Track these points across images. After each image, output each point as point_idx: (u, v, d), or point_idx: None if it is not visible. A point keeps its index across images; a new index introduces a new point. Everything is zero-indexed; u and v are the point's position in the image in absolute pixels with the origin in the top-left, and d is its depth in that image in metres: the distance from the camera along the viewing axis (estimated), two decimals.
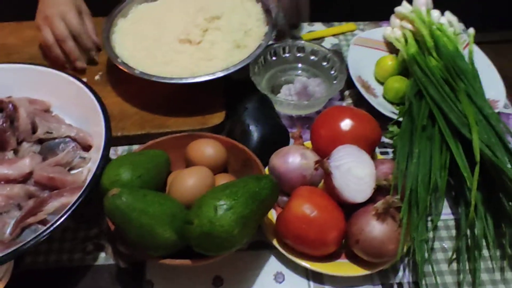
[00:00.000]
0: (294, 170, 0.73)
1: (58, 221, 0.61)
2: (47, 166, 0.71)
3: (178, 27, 0.89)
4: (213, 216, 0.59)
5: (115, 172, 0.66)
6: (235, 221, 0.60)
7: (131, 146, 0.85)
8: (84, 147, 0.76)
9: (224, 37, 0.87)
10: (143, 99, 0.87)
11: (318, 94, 0.90)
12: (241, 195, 0.62)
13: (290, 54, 0.94)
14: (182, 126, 0.84)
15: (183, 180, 0.69)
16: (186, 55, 0.85)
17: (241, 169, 0.75)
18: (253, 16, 0.91)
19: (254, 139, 0.79)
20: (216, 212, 0.60)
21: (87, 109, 0.78)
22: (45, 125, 0.76)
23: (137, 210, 0.60)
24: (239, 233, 0.61)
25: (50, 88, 0.81)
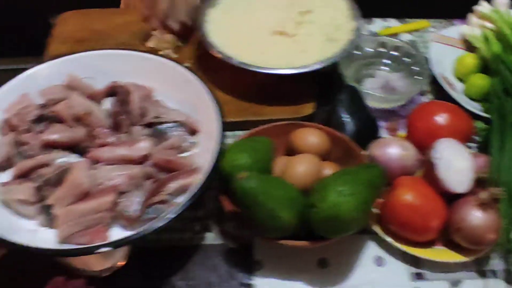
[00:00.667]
0: (395, 161, 0.76)
1: (188, 203, 0.65)
2: (163, 149, 0.75)
3: (270, 19, 0.93)
4: (337, 201, 0.63)
5: (235, 156, 0.70)
6: (357, 206, 0.64)
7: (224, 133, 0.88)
8: (191, 131, 0.79)
9: (316, 30, 0.91)
10: (236, 88, 0.90)
11: (401, 89, 0.94)
12: (360, 182, 0.66)
13: (373, 49, 0.97)
14: (277, 115, 0.88)
15: (295, 166, 0.73)
16: (281, 47, 0.89)
17: (342, 159, 0.79)
18: (341, 11, 0.94)
19: (349, 130, 0.83)
20: (340, 197, 0.64)
21: (192, 95, 0.81)
22: (154, 109, 0.79)
23: (265, 193, 0.64)
24: (359, 217, 0.65)
25: (153, 74, 0.84)
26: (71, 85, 0.81)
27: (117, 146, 0.73)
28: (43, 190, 0.70)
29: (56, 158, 0.72)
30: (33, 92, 0.80)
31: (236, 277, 0.73)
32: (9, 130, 0.77)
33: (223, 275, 0.73)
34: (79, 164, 0.70)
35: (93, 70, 0.84)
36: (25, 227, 0.70)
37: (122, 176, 0.70)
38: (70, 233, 0.67)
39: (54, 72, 0.83)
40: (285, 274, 0.73)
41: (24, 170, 0.72)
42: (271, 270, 0.73)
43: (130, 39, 1.00)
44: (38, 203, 0.70)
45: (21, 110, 0.77)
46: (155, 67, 0.84)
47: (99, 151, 0.72)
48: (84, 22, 1.03)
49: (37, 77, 0.82)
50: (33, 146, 0.74)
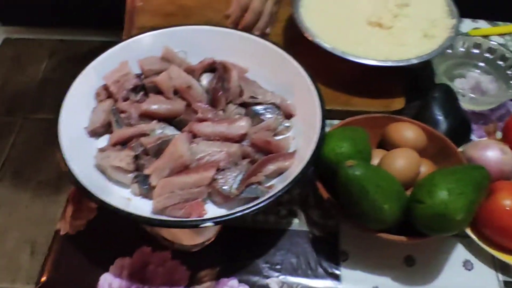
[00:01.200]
0: (493, 164, 0.74)
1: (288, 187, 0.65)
2: (260, 130, 0.74)
3: (367, 9, 0.91)
4: (447, 199, 0.62)
5: (338, 144, 0.69)
6: (466, 206, 0.63)
7: None
8: (286, 115, 0.79)
9: (413, 25, 0.89)
10: (327, 75, 0.89)
11: (492, 92, 0.91)
12: (469, 183, 0.64)
13: (465, 49, 0.95)
14: (366, 107, 0.86)
15: (395, 160, 0.71)
16: (377, 38, 0.87)
17: (437, 156, 0.77)
18: (439, 7, 0.92)
19: (442, 129, 0.81)
20: (450, 195, 0.62)
21: (289, 77, 0.80)
22: (250, 89, 0.79)
23: (372, 183, 0.63)
24: (466, 217, 0.63)
25: (247, 53, 0.83)
26: (167, 57, 0.81)
27: (217, 123, 0.73)
28: (141, 159, 0.70)
29: (156, 128, 0.72)
30: (131, 61, 0.80)
31: (322, 265, 0.72)
32: (107, 97, 0.77)
33: (309, 262, 0.72)
34: (180, 136, 0.70)
35: (187, 45, 0.84)
36: (119, 194, 0.70)
37: (221, 152, 0.70)
38: (166, 205, 0.67)
39: (151, 44, 0.83)
40: (371, 267, 0.72)
41: (123, 137, 0.72)
42: (357, 262, 0.72)
43: (217, 18, 0.99)
44: (135, 172, 0.70)
45: (120, 78, 0.77)
46: (250, 47, 0.83)
47: (199, 125, 0.72)
48: None
49: (135, 47, 0.82)
50: (131, 114, 0.74)
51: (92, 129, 0.74)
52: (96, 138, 0.75)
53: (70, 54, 2.33)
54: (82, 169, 0.69)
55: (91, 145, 0.74)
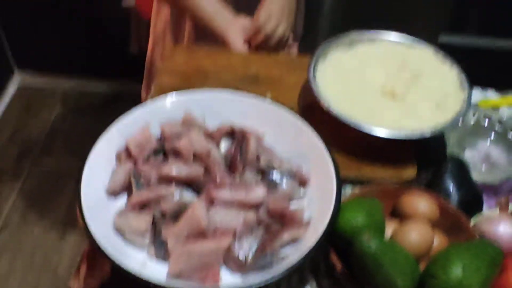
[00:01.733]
0: (506, 239, 0.75)
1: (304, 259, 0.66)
2: (278, 198, 0.75)
3: (380, 80, 0.94)
4: (462, 275, 0.63)
5: (354, 215, 0.70)
6: (481, 282, 0.63)
7: None
8: (300, 182, 0.80)
9: (425, 96, 0.92)
10: (340, 143, 0.91)
11: (502, 163, 0.93)
12: (484, 259, 0.65)
13: (475, 121, 0.98)
14: (378, 175, 0.88)
15: (408, 233, 0.72)
16: (391, 109, 0.90)
17: (449, 230, 0.78)
18: (449, 79, 0.95)
19: (454, 201, 0.82)
20: (464, 271, 0.63)
21: (303, 145, 0.82)
22: (266, 156, 0.81)
23: (388, 257, 0.64)
24: None
25: (264, 119, 0.86)
26: (188, 121, 0.83)
27: (234, 189, 0.74)
28: (159, 223, 0.72)
29: (174, 192, 0.74)
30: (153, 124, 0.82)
31: None
32: (127, 159, 0.79)
33: None
34: (199, 202, 0.72)
35: (206, 108, 0.87)
36: (135, 256, 0.71)
37: (238, 219, 0.71)
38: (182, 270, 0.68)
39: (172, 107, 0.85)
40: None
41: (142, 200, 0.73)
42: None
43: (233, 81, 1.02)
44: (153, 235, 0.71)
45: (141, 141, 0.79)
46: (266, 113, 0.86)
47: (218, 191, 0.73)
48: (191, 58, 1.07)
49: (156, 110, 0.84)
50: (151, 177, 0.76)
51: (112, 190, 0.76)
52: (115, 198, 0.77)
53: (81, 104, 2.38)
54: (100, 229, 0.70)
55: (110, 205, 0.76)
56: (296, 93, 1.01)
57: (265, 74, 1.05)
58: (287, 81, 1.03)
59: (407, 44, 1.02)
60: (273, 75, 1.04)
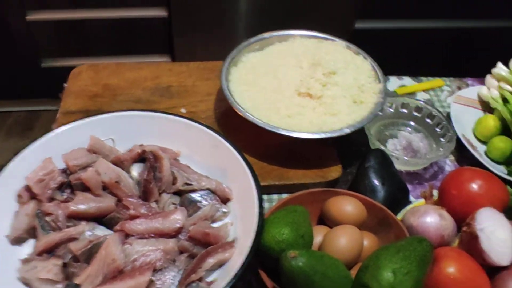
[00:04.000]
0: (433, 231, 0.74)
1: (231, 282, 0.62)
2: (197, 221, 0.71)
3: (295, 80, 0.91)
4: (393, 281, 0.61)
5: (279, 231, 0.67)
6: (414, 285, 0.61)
7: None
8: (222, 200, 0.76)
9: (342, 92, 0.90)
10: (261, 149, 0.88)
11: (423, 150, 0.93)
12: (414, 259, 0.64)
13: (394, 110, 0.97)
14: (302, 179, 0.85)
15: (336, 239, 0.70)
16: (308, 109, 0.87)
17: (377, 227, 0.76)
18: (364, 72, 0.94)
19: (381, 196, 0.81)
20: (396, 277, 0.61)
21: (221, 159, 0.78)
22: (184, 176, 0.76)
23: (319, 272, 0.61)
24: None
25: (178, 136, 0.81)
26: (94, 148, 0.77)
27: (150, 218, 0.69)
28: (71, 267, 0.65)
29: (85, 230, 0.68)
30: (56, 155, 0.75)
31: None
32: (30, 199, 0.72)
33: None
34: (111, 238, 0.66)
35: (114, 132, 0.81)
36: None
37: (157, 251, 0.66)
38: None
39: (75, 134, 0.78)
40: None
41: (50, 245, 0.67)
42: None
43: (144, 95, 0.97)
44: (65, 282, 0.65)
45: (43, 176, 0.72)
46: (180, 129, 0.81)
47: (132, 223, 0.68)
48: (97, 76, 0.99)
49: (58, 140, 0.77)
50: (58, 217, 0.69)
51: (15, 237, 0.69)
52: (20, 245, 0.70)
53: None
54: (3, 283, 0.63)
55: (14, 254, 0.68)
56: (212, 101, 0.97)
57: (178, 84, 0.99)
58: (201, 89, 0.99)
59: (319, 39, 1.00)
60: (186, 85, 0.99)
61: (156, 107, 0.94)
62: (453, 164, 0.95)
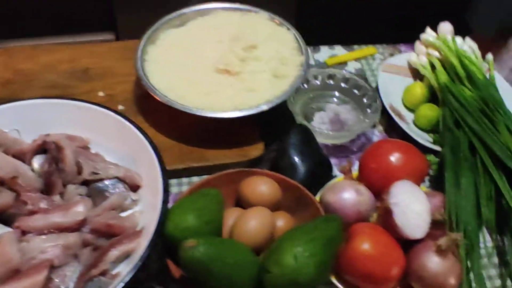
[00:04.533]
0: (350, 207, 0.73)
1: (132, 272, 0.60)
2: (102, 211, 0.68)
3: (214, 56, 0.87)
4: (295, 265, 0.59)
5: (182, 219, 0.64)
6: (317, 267, 0.60)
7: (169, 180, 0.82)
8: (132, 187, 0.73)
9: (262, 66, 0.86)
10: (179, 131, 0.85)
11: (350, 122, 0.91)
12: (319, 241, 0.62)
13: (320, 82, 0.94)
14: (222, 159, 0.83)
15: (246, 222, 0.68)
16: (226, 86, 0.84)
17: (294, 206, 0.75)
18: (287, 44, 0.90)
19: (301, 173, 0.79)
20: (297, 260, 0.59)
21: (131, 146, 0.75)
22: (90, 165, 0.73)
23: (218, 260, 0.59)
24: (320, 278, 0.61)
25: (88, 124, 0.77)
26: None
27: (49, 213, 0.66)
28: None
29: None
30: None
31: None
32: None
33: None
34: (7, 236, 0.63)
35: (20, 122, 0.77)
36: None
37: (56, 247, 0.63)
38: None
39: None
40: None
41: None
42: None
43: (60, 80, 0.92)
44: None
45: None
46: (88, 116, 0.77)
47: (29, 219, 0.65)
48: (9, 61, 0.94)
49: None
50: None
51: None
52: None
53: None
54: None
55: None
56: (131, 83, 0.93)
57: (96, 67, 0.95)
58: (121, 70, 0.94)
59: (242, 12, 0.96)
60: (104, 66, 0.95)
61: (72, 92, 0.90)
62: (381, 135, 0.93)
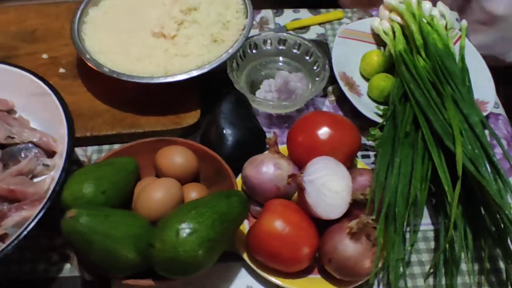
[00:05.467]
0: (268, 181, 0.69)
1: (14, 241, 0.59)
2: (8, 176, 0.68)
3: (153, 19, 0.84)
4: (176, 241, 0.57)
5: (78, 187, 0.63)
6: (200, 245, 0.57)
7: (101, 146, 0.81)
8: (48, 153, 0.72)
9: (200, 30, 0.82)
10: (114, 96, 0.83)
11: (300, 90, 0.85)
12: (208, 217, 0.59)
13: (271, 47, 0.89)
14: (155, 126, 0.80)
15: (149, 194, 0.66)
16: (160, 51, 0.80)
17: (214, 177, 0.72)
18: (232, 7, 0.85)
19: (229, 144, 0.75)
20: (178, 236, 0.57)
21: (51, 111, 0.73)
22: (7, 129, 0.72)
23: (100, 233, 0.57)
24: (205, 256, 0.58)
25: (13, 87, 0.77)
26: None
27: None
28: None
29: None
30: None
31: None
32: None
33: None
34: None
35: None
36: None
37: None
38: None
39: None
40: None
41: None
42: None
43: (6, 40, 0.91)
44: None
45: None
46: (12, 79, 0.76)
47: None
48: None
49: None
50: None
51: None
52: None
53: None
54: None
55: None
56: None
57: (44, 28, 0.93)
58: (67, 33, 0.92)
59: None
60: (52, 28, 0.93)
61: (16, 53, 0.89)
62: (331, 105, 0.88)
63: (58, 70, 0.87)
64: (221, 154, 0.72)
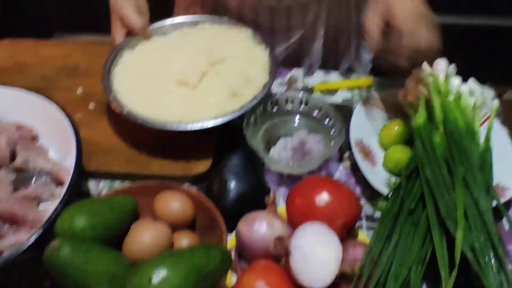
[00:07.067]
0: (257, 240, 0.68)
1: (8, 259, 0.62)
2: (14, 199, 0.71)
3: (180, 67, 0.87)
4: (147, 286, 0.57)
5: (70, 218, 0.65)
6: None
7: (113, 181, 0.83)
8: (57, 182, 0.76)
9: (222, 82, 0.85)
10: (132, 136, 0.86)
11: (316, 152, 0.85)
12: (184, 266, 0.59)
13: (292, 106, 0.90)
14: (165, 170, 0.82)
15: (137, 235, 0.67)
16: (179, 98, 0.83)
17: (208, 227, 0.72)
18: (258, 63, 0.87)
19: (231, 196, 0.76)
20: (150, 282, 0.57)
21: (67, 143, 0.77)
22: (25, 154, 0.76)
23: (74, 266, 0.59)
24: None
25: (41, 117, 0.81)
26: None
27: None
28: None
29: None
30: None
31: None
32: None
33: None
34: None
35: None
36: None
37: None
38: None
39: None
40: None
41: None
42: None
43: (49, 74, 0.98)
44: None
45: None
46: (39, 109, 0.81)
47: None
48: (13, 51, 1.03)
49: None
50: None
51: None
52: None
53: None
54: None
55: None
56: None
57: (86, 65, 1.00)
58: None
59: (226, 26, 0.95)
60: (93, 65, 0.99)
61: (54, 86, 0.96)
62: (345, 171, 0.86)
63: (88, 106, 0.92)
64: (221, 206, 0.73)
